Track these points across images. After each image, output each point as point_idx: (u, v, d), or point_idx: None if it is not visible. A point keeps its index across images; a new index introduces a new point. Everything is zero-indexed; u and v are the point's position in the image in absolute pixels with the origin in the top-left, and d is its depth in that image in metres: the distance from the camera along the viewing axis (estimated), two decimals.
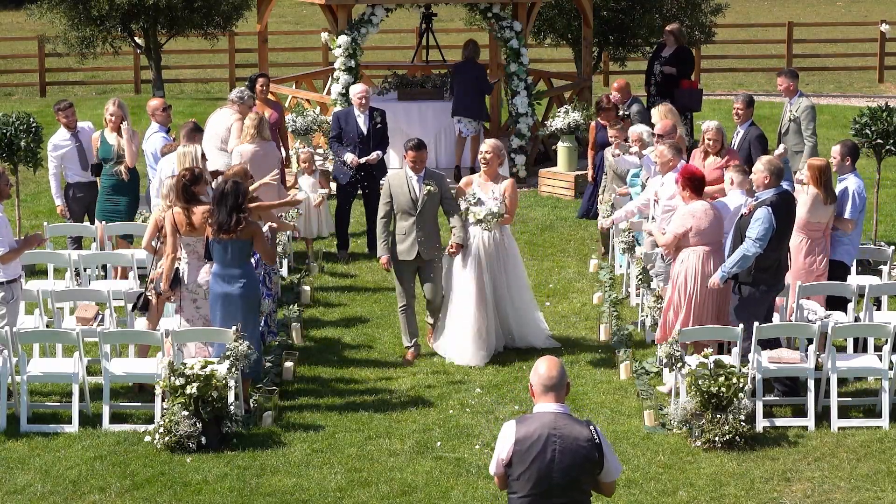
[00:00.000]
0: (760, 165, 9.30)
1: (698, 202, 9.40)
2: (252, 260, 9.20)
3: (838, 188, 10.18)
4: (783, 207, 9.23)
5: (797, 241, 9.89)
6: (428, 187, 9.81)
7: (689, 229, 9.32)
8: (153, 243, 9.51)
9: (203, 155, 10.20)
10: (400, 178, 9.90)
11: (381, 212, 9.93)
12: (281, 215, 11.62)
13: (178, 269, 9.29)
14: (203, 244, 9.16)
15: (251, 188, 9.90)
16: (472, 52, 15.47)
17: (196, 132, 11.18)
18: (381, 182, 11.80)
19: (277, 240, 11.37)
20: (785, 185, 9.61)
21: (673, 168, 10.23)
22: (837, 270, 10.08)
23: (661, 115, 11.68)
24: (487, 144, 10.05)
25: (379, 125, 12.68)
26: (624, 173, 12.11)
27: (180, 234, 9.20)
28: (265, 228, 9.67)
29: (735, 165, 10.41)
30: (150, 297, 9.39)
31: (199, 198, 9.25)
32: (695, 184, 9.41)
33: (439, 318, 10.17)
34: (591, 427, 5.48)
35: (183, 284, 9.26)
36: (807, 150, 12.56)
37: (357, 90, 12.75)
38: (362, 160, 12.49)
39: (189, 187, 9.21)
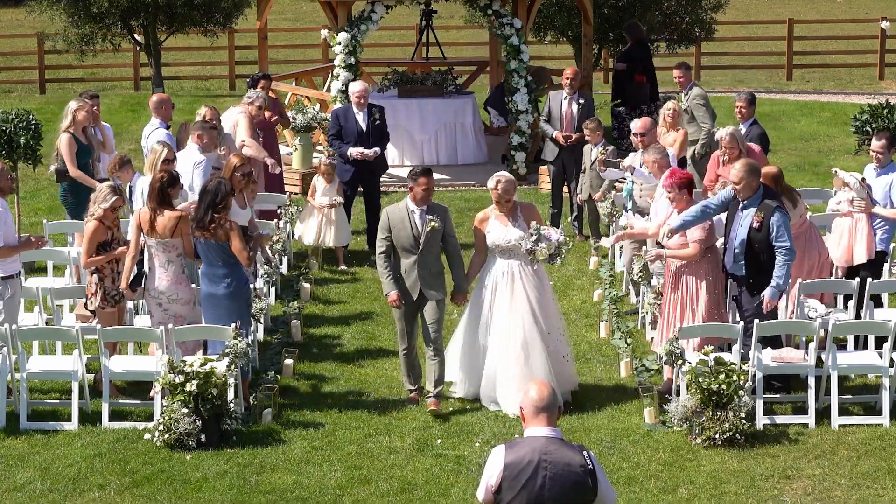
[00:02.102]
0: (742, 172, 9.08)
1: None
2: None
3: (882, 181, 10.16)
4: (783, 204, 9.23)
5: None
6: (432, 223, 8.94)
7: (707, 231, 9.26)
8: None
9: (168, 159, 10.15)
10: (400, 212, 9.01)
11: (379, 247, 9.05)
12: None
13: (142, 272, 9.26)
14: (169, 248, 9.11)
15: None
16: None
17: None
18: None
19: (274, 238, 11.36)
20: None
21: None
22: (876, 258, 10.11)
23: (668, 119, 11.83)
24: (506, 181, 9.05)
25: (378, 121, 12.67)
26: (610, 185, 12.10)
27: (144, 233, 9.16)
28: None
29: (654, 146, 10.64)
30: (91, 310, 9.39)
31: (172, 202, 9.25)
32: (690, 186, 9.44)
33: (441, 363, 9.14)
34: (585, 452, 5.28)
35: (147, 288, 9.23)
36: (702, 136, 12.66)
37: (355, 89, 12.74)
38: (363, 151, 12.47)
39: (165, 189, 9.18)
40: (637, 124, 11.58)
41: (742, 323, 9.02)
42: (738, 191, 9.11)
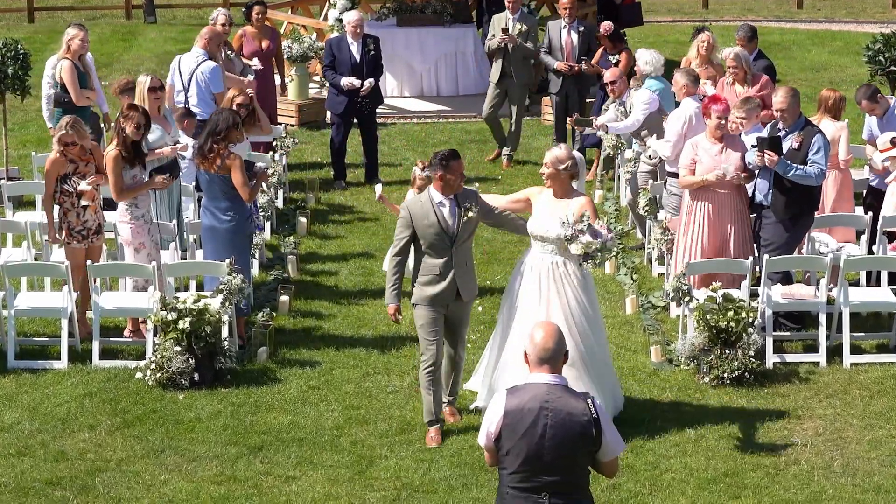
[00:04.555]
0: (786, 99, 8.92)
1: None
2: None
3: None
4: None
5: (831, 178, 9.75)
6: (469, 213, 7.55)
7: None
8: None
9: (152, 86, 9.80)
10: (423, 206, 7.56)
11: (393, 248, 7.65)
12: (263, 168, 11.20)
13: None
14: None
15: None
16: None
17: (188, 117, 10.74)
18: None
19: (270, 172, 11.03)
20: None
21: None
22: None
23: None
24: (547, 156, 7.70)
25: (372, 52, 12.35)
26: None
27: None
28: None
29: (684, 69, 10.37)
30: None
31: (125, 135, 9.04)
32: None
33: (459, 372, 7.93)
34: (589, 401, 5.10)
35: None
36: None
37: (351, 18, 12.39)
38: (356, 83, 12.14)
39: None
40: (608, 74, 11.43)
41: (753, 257, 8.78)
42: (783, 118, 8.93)
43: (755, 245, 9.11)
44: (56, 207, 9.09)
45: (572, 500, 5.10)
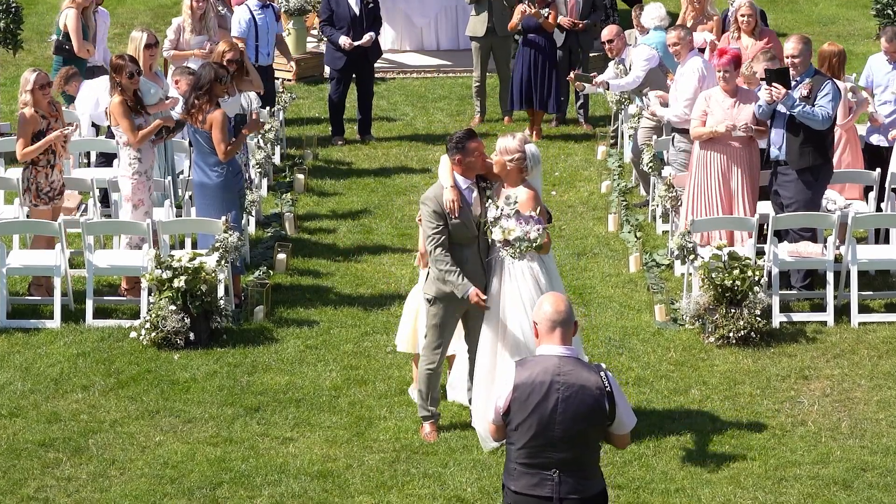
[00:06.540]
0: (800, 45, 8.73)
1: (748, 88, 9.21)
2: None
3: None
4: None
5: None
6: (488, 193, 7.06)
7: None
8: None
9: (148, 43, 9.62)
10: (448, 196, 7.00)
11: (435, 240, 6.91)
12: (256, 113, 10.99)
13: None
14: (118, 135, 8.83)
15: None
16: None
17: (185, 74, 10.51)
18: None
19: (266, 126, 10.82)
20: None
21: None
22: None
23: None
24: (498, 143, 7.07)
25: (371, 4, 12.11)
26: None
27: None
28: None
29: (679, 26, 10.19)
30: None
31: (125, 88, 8.85)
32: (739, 63, 9.19)
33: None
34: (602, 373, 4.93)
35: None
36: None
37: None
38: (356, 43, 11.92)
39: (112, 73, 8.90)
40: (605, 32, 11.22)
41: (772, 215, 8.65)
42: (796, 65, 8.75)
43: (774, 203, 8.93)
44: (21, 169, 8.88)
45: (582, 478, 4.96)
